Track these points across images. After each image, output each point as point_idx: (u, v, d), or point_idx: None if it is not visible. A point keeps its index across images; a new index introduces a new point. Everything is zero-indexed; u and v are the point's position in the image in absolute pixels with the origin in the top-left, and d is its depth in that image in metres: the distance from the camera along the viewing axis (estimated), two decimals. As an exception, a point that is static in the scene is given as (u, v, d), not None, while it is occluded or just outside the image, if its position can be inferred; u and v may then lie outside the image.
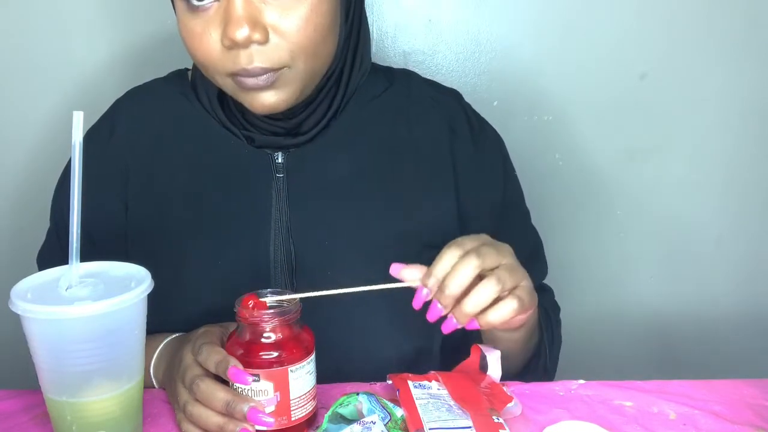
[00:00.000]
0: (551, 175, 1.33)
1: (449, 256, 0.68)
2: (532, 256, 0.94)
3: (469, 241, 0.70)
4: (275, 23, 0.75)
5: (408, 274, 0.70)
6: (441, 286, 0.67)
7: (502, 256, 0.70)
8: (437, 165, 0.90)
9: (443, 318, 0.69)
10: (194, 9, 0.76)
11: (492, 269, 0.69)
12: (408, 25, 1.28)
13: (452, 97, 0.96)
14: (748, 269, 1.40)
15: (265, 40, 0.74)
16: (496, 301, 0.68)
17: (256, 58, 0.75)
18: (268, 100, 0.78)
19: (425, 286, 0.68)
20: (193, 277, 0.86)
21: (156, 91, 0.94)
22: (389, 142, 0.90)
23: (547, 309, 0.95)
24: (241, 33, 0.73)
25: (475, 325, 0.69)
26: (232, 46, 0.74)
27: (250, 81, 0.77)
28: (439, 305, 0.68)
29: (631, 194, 1.36)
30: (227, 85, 0.80)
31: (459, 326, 0.69)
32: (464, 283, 0.67)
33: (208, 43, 0.76)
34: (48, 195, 0.94)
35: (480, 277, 0.68)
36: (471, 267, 0.67)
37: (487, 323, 0.68)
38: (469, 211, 0.91)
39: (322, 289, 0.71)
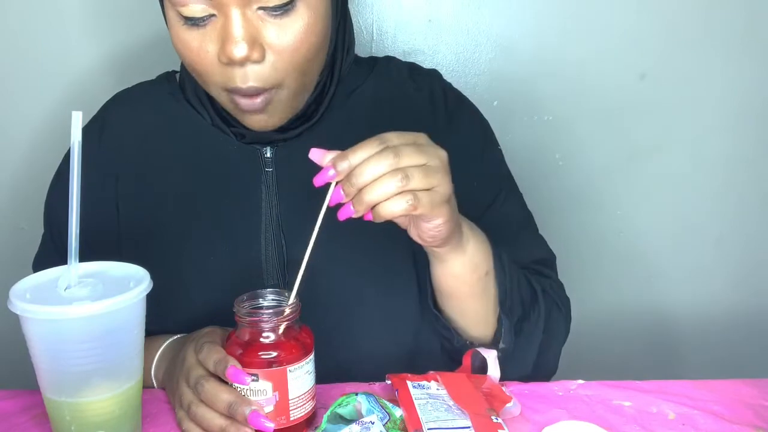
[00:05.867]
0: (551, 175, 1.33)
1: (368, 147, 0.66)
2: (519, 229, 0.93)
3: (395, 137, 0.68)
4: (272, 42, 0.75)
5: (317, 155, 0.68)
6: (349, 175, 0.66)
7: (427, 157, 0.67)
8: None
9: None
10: (189, 22, 0.76)
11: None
12: (408, 25, 1.28)
13: (432, 77, 0.96)
14: (748, 269, 1.40)
15: (261, 59, 0.75)
16: None
17: (251, 77, 0.76)
18: (261, 122, 0.81)
19: (334, 166, 0.66)
20: (186, 275, 0.86)
21: (144, 93, 0.95)
22: (374, 131, 0.89)
23: (509, 272, 0.84)
24: (239, 52, 0.73)
25: (369, 216, 0.67)
26: (229, 63, 0.75)
27: (244, 102, 0.78)
28: (342, 191, 0.66)
29: (631, 194, 1.36)
30: (222, 99, 0.81)
31: (355, 215, 0.67)
32: (372, 175, 0.65)
33: (206, 58, 0.76)
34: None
35: None
36: (383, 165, 0.65)
37: (378, 215, 0.66)
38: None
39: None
